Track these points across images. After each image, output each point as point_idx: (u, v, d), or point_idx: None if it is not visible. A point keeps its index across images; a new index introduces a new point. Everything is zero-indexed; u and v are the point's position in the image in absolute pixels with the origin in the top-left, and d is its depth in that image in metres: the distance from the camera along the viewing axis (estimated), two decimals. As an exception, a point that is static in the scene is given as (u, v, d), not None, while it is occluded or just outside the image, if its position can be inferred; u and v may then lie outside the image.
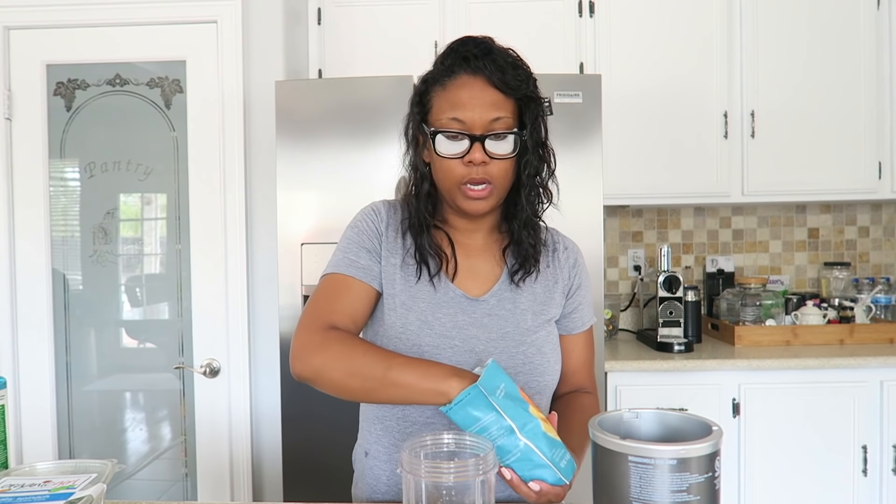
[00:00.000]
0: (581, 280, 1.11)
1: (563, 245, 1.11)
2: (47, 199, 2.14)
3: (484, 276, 1.05)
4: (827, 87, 2.38)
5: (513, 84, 0.96)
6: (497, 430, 0.80)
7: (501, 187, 0.99)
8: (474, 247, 1.07)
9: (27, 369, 2.14)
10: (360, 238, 1.04)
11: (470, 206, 0.98)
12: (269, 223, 2.08)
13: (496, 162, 0.96)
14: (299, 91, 1.91)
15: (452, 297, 1.02)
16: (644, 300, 2.54)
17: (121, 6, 2.09)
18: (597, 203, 1.87)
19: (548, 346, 1.04)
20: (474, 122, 0.95)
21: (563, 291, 1.08)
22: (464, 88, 0.96)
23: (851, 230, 2.76)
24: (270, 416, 2.11)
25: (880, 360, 2.05)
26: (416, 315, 1.00)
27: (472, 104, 0.95)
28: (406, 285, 1.02)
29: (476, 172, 0.95)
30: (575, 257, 1.11)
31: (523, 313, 1.03)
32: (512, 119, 0.97)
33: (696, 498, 0.61)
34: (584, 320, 1.11)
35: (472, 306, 1.02)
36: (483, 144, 0.95)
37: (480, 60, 0.96)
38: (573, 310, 1.10)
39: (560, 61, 2.35)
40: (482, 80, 0.96)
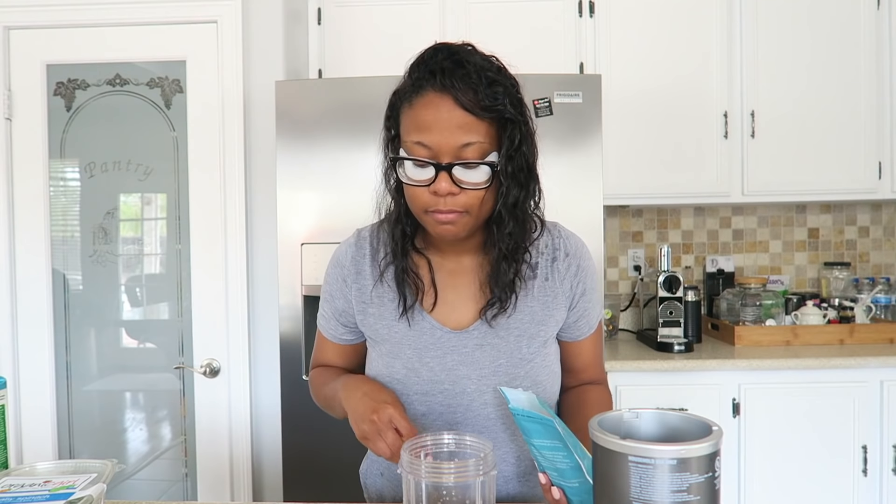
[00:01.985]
0: (585, 286, 1.02)
1: (564, 251, 1.01)
2: (47, 199, 2.14)
3: (471, 301, 0.98)
4: (827, 87, 2.38)
5: (485, 104, 0.84)
6: (562, 458, 0.78)
7: (475, 216, 0.89)
8: (459, 270, 0.99)
9: (27, 369, 2.14)
10: (330, 299, 1.06)
11: (439, 231, 0.89)
12: (269, 223, 2.08)
13: (469, 192, 0.86)
14: (299, 91, 1.91)
15: (439, 336, 0.96)
16: (644, 300, 2.54)
17: (121, 6, 2.09)
18: (597, 203, 1.87)
19: (543, 373, 0.99)
20: (441, 148, 0.84)
21: (564, 304, 1.00)
22: (429, 108, 0.85)
23: (851, 230, 2.76)
24: (270, 416, 2.11)
25: (880, 360, 2.05)
26: (401, 363, 0.97)
27: (438, 127, 0.84)
28: (390, 332, 0.98)
29: (444, 204, 0.86)
30: (578, 262, 1.01)
31: (518, 340, 0.96)
32: (487, 143, 0.85)
33: (696, 498, 0.61)
34: (592, 324, 1.05)
35: (460, 341, 0.96)
36: (451, 173, 0.84)
37: (448, 77, 0.84)
38: (578, 318, 1.03)
39: (560, 61, 2.35)
40: (449, 99, 0.84)
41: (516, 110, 0.88)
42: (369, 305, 1.00)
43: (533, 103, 1.82)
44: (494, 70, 0.88)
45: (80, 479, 0.90)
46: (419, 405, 0.97)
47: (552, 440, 0.77)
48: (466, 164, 0.85)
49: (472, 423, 0.97)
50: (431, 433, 0.82)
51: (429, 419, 0.98)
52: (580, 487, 0.79)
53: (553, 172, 1.86)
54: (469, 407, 0.96)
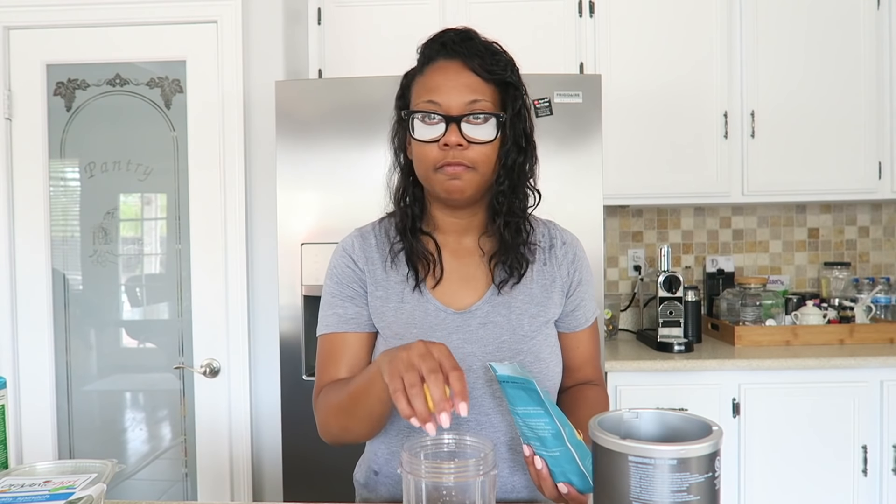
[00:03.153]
0: (581, 275, 1.06)
1: (562, 239, 1.06)
2: (47, 199, 2.14)
3: (475, 281, 1.01)
4: (827, 87, 2.38)
5: (490, 68, 0.93)
6: (543, 425, 0.82)
7: (482, 174, 0.94)
8: (463, 251, 1.03)
9: (27, 369, 2.14)
10: (340, 288, 1.03)
11: (447, 187, 0.93)
12: (269, 223, 2.08)
13: (476, 147, 0.92)
14: (299, 91, 1.91)
15: (444, 317, 0.99)
16: (644, 300, 2.54)
17: (121, 6, 2.09)
18: (597, 203, 1.87)
19: (546, 350, 1.01)
20: (451, 105, 0.92)
21: (561, 290, 1.04)
22: (439, 72, 0.94)
23: (851, 230, 2.76)
24: (270, 416, 2.11)
25: (880, 360, 2.05)
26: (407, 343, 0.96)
27: (447, 86, 0.92)
28: (396, 314, 1.00)
29: (453, 156, 0.91)
30: (574, 251, 1.06)
31: (519, 318, 0.99)
32: (492, 104, 0.94)
33: (696, 498, 0.61)
34: (588, 316, 1.07)
35: (465, 320, 0.99)
36: (460, 127, 0.91)
37: (458, 45, 0.94)
38: (575, 307, 1.05)
39: (560, 61, 2.35)
40: (458, 63, 0.94)
41: (516, 79, 0.97)
42: (377, 289, 1.02)
43: (533, 103, 1.82)
44: (497, 47, 0.97)
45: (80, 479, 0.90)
46: None
47: (535, 406, 0.81)
48: (474, 118, 0.92)
49: (480, 400, 0.97)
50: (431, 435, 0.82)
51: None
52: (561, 456, 0.82)
53: (553, 172, 1.86)
54: (475, 385, 0.97)
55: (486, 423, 0.98)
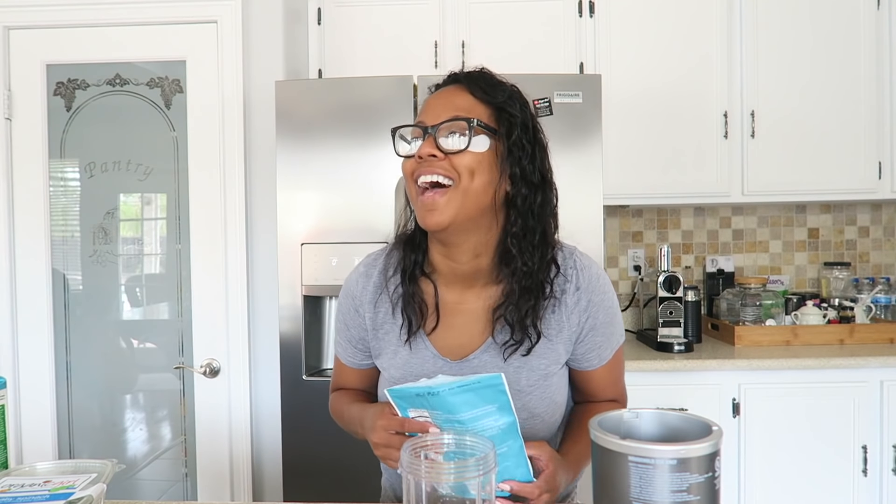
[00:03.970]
0: (596, 321, 0.98)
1: (576, 284, 0.98)
2: (47, 199, 2.14)
3: (475, 328, 0.98)
4: (827, 87, 2.38)
5: (483, 93, 0.92)
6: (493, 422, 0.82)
7: (464, 191, 0.89)
8: (463, 300, 0.99)
9: (27, 369, 2.14)
10: (346, 327, 1.08)
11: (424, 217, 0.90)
12: (269, 223, 2.08)
13: (454, 157, 0.88)
14: (299, 91, 1.91)
15: (441, 366, 0.98)
16: (644, 300, 2.54)
17: (121, 6, 2.09)
18: (597, 203, 1.87)
19: (541, 405, 0.97)
20: (430, 120, 0.91)
21: (569, 339, 0.98)
22: (434, 96, 0.96)
23: (851, 230, 2.76)
24: (270, 416, 2.11)
25: (880, 360, 2.05)
26: None
27: (435, 105, 0.93)
28: (393, 359, 1.01)
29: (426, 165, 0.89)
30: (588, 298, 0.98)
31: (517, 372, 0.95)
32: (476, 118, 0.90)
33: (696, 498, 0.61)
34: (603, 357, 1.01)
35: (459, 370, 0.96)
36: (435, 138, 0.89)
37: (463, 74, 0.95)
38: (586, 352, 1.00)
39: (560, 61, 2.35)
40: (455, 86, 0.94)
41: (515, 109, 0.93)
42: (378, 331, 1.04)
43: (533, 103, 1.82)
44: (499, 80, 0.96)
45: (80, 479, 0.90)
46: None
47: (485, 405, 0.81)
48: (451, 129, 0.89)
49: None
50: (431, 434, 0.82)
51: None
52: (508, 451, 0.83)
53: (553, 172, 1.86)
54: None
55: None
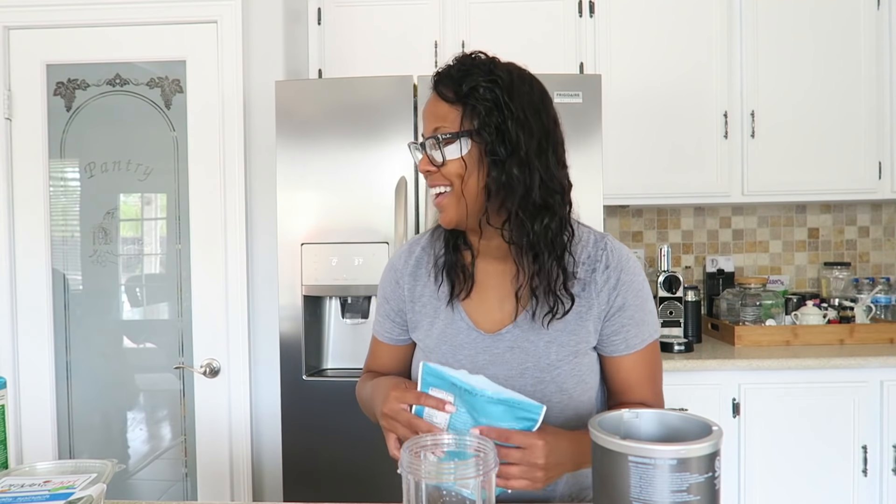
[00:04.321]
0: (626, 300, 0.99)
1: (605, 263, 1.00)
2: (47, 199, 2.14)
3: (507, 303, 1.02)
4: (827, 87, 2.38)
5: (452, 90, 0.95)
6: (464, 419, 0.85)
7: (458, 194, 0.95)
8: (498, 271, 1.03)
9: (27, 369, 2.14)
10: (382, 305, 1.13)
11: (440, 217, 1.01)
12: (269, 223, 2.08)
13: (445, 168, 0.96)
14: (299, 91, 1.91)
15: (474, 337, 1.01)
16: (644, 300, 2.54)
17: (121, 6, 2.09)
18: (597, 203, 1.87)
19: (571, 381, 0.98)
20: (424, 135, 0.99)
21: (598, 317, 0.99)
22: (425, 107, 1.02)
23: (851, 230, 2.76)
24: (270, 416, 2.11)
25: (880, 360, 2.05)
26: (437, 357, 1.03)
27: (425, 117, 1.00)
28: (429, 330, 1.05)
29: (430, 179, 0.99)
30: (618, 276, 0.99)
31: (548, 346, 0.98)
32: (453, 127, 0.94)
33: (696, 498, 0.61)
34: (631, 343, 1.00)
35: (493, 342, 1.00)
36: (426, 152, 0.98)
37: (438, 77, 0.98)
38: (613, 332, 1.00)
39: (560, 61, 2.35)
40: (433, 96, 0.99)
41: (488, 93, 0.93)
42: (415, 304, 1.08)
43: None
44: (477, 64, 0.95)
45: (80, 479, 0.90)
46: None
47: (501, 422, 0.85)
48: (434, 143, 0.96)
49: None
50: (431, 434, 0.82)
51: None
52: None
53: (553, 172, 1.86)
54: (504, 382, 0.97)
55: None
